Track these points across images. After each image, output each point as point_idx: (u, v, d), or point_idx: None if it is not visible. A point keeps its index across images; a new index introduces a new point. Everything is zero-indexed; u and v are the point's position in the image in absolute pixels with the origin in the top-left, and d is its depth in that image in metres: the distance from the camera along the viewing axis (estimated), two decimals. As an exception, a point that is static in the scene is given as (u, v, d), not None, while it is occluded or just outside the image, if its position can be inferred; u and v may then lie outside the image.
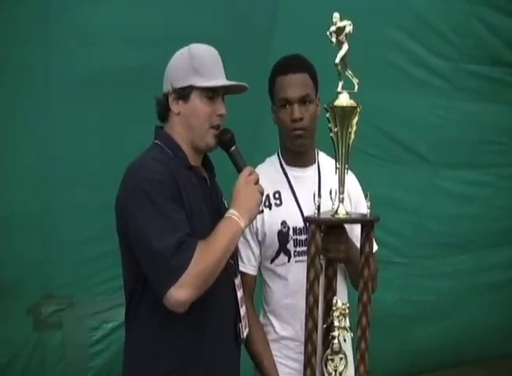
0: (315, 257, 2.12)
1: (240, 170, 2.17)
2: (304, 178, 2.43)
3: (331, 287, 2.27)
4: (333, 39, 2.07)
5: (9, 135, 3.25)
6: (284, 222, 2.38)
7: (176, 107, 2.13)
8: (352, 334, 2.23)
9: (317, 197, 2.16)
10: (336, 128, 2.11)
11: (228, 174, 2.21)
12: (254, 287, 2.46)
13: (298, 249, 2.37)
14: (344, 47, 2.07)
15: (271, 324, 2.45)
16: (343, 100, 2.10)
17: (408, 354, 4.41)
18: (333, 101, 2.12)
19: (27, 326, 3.47)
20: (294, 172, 2.44)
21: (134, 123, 3.12)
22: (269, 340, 2.44)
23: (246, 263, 2.41)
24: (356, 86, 2.12)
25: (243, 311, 2.24)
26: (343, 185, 2.16)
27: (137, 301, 2.09)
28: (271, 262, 2.41)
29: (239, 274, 2.30)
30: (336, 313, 2.15)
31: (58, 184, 3.35)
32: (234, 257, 2.20)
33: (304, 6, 3.59)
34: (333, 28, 2.07)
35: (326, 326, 2.21)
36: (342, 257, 2.23)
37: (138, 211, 1.98)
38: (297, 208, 2.39)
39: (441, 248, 4.32)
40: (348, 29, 2.06)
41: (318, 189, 2.39)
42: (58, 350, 3.55)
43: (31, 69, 3.20)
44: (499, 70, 4.09)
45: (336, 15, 2.06)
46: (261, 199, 2.16)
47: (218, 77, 2.15)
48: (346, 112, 2.10)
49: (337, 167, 2.16)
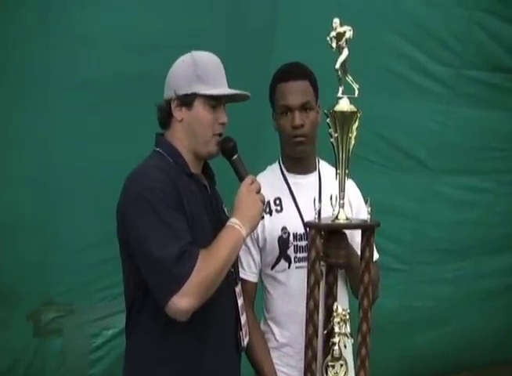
0: (315, 262, 2.12)
1: (242, 178, 2.17)
2: (304, 184, 2.43)
3: (332, 293, 2.26)
4: (334, 44, 2.07)
5: (9, 140, 3.25)
6: (285, 228, 2.38)
7: (179, 114, 2.12)
8: (353, 340, 2.22)
9: (317, 202, 2.15)
10: (336, 134, 2.10)
11: (229, 181, 2.21)
12: (254, 295, 2.46)
13: (299, 255, 2.37)
14: (345, 52, 2.07)
15: (271, 331, 2.45)
16: (343, 105, 2.10)
17: (408, 360, 4.40)
18: (333, 106, 2.12)
19: (27, 332, 3.47)
20: (295, 179, 2.44)
21: (135, 128, 3.12)
22: (270, 348, 2.43)
23: (247, 270, 2.41)
24: (356, 91, 2.12)
25: (243, 319, 2.23)
26: (343, 190, 2.16)
27: (138, 309, 2.09)
28: (271, 268, 2.41)
29: (240, 281, 2.30)
30: (336, 319, 2.14)
31: (59, 190, 3.35)
32: (235, 265, 2.20)
33: (304, 13, 3.60)
34: (333, 33, 2.07)
35: (326, 332, 2.20)
36: (342, 263, 2.23)
37: (139, 219, 1.98)
38: (297, 214, 2.39)
39: (441, 254, 4.32)
40: (348, 34, 2.06)
41: (318, 195, 2.39)
42: (58, 357, 3.54)
43: (31, 72, 3.21)
44: (500, 77, 4.09)
45: (336, 20, 2.06)
46: (263, 208, 2.16)
47: (221, 85, 2.15)
48: (346, 117, 2.09)
49: (337, 172, 2.16)
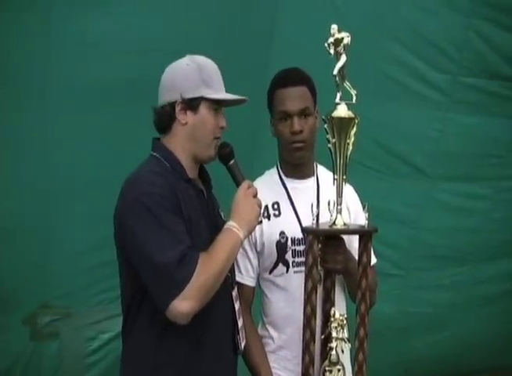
0: (312, 267, 2.12)
1: (239, 183, 2.17)
2: (302, 189, 2.44)
3: (329, 298, 2.26)
4: (331, 51, 2.07)
5: (8, 144, 3.26)
6: (283, 233, 2.38)
7: (183, 117, 2.12)
8: (350, 345, 2.23)
9: (315, 207, 2.16)
10: (334, 139, 2.10)
11: (226, 186, 2.22)
12: (252, 299, 2.46)
13: (297, 260, 2.37)
14: (342, 58, 2.07)
15: (269, 335, 2.44)
16: (341, 111, 2.10)
17: (405, 366, 4.39)
18: (331, 112, 2.12)
19: (23, 336, 3.47)
20: (293, 184, 2.45)
21: (134, 133, 3.12)
22: (267, 351, 2.43)
23: (244, 274, 2.41)
24: (354, 97, 2.11)
25: (240, 322, 2.24)
26: (341, 196, 2.16)
27: (135, 312, 2.09)
28: (269, 272, 2.41)
29: (237, 285, 2.30)
30: (334, 324, 2.14)
31: (56, 194, 3.36)
32: (231, 269, 2.20)
33: (302, 19, 3.61)
34: (331, 40, 2.06)
35: (324, 337, 2.20)
36: (340, 268, 2.23)
37: (138, 224, 1.98)
38: (295, 219, 2.39)
39: (438, 261, 4.31)
40: (346, 40, 2.05)
41: (316, 200, 2.39)
42: (54, 360, 3.54)
43: (31, 75, 3.22)
44: (497, 84, 4.10)
45: (334, 26, 2.06)
46: (260, 212, 2.17)
47: (222, 89, 2.17)
48: (344, 123, 2.09)
49: (334, 178, 2.16)
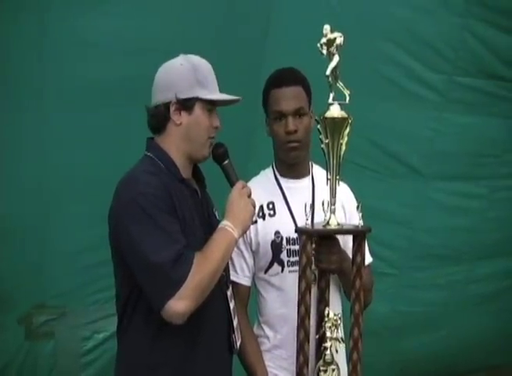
0: (306, 268, 2.12)
1: (233, 183, 2.19)
2: (297, 189, 2.44)
3: (324, 298, 2.26)
4: (324, 51, 2.07)
5: (5, 145, 3.26)
6: (278, 232, 2.39)
7: (177, 118, 2.12)
8: (345, 345, 2.23)
9: (308, 207, 2.16)
10: (327, 140, 2.10)
11: (220, 185, 2.22)
12: (247, 298, 2.46)
13: (292, 259, 2.38)
14: (335, 59, 2.06)
15: (265, 335, 2.45)
16: (334, 111, 2.10)
17: (400, 365, 4.39)
18: (324, 112, 2.11)
19: (19, 335, 3.47)
20: (288, 183, 2.45)
21: (132, 133, 3.10)
22: (263, 350, 2.44)
23: (240, 273, 2.42)
24: (348, 97, 2.11)
25: (235, 322, 2.24)
26: (334, 196, 2.15)
27: (131, 312, 2.09)
28: (265, 272, 2.42)
29: (232, 285, 2.31)
30: (328, 324, 2.14)
31: (52, 194, 3.36)
32: (226, 269, 2.21)
33: (297, 19, 3.61)
34: (323, 40, 2.06)
35: (318, 337, 2.20)
36: (334, 268, 2.23)
37: (133, 224, 1.98)
38: (290, 219, 2.39)
39: (434, 260, 4.31)
40: (339, 41, 2.05)
41: (312, 200, 2.40)
42: (50, 360, 3.54)
43: (28, 78, 3.22)
44: (492, 84, 4.09)
45: (326, 27, 2.06)
46: (254, 212, 2.18)
47: (216, 89, 2.17)
48: (337, 123, 2.09)
49: (328, 178, 2.15)
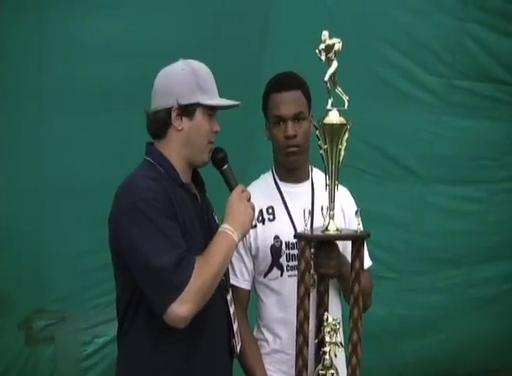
0: (304, 273, 2.12)
1: (232, 188, 2.19)
2: (297, 193, 2.44)
3: (323, 303, 2.27)
4: (323, 57, 2.06)
5: (3, 148, 3.27)
6: (277, 237, 2.39)
7: (179, 123, 2.11)
8: (344, 350, 2.24)
9: (307, 213, 2.16)
10: (326, 145, 2.10)
11: (219, 190, 2.23)
12: (247, 302, 2.47)
13: (291, 264, 2.38)
14: (334, 64, 2.06)
15: (264, 338, 2.45)
16: (332, 117, 2.09)
17: (400, 369, 4.39)
18: (322, 118, 2.11)
19: (19, 340, 3.47)
20: (288, 188, 2.45)
21: (130, 136, 3.12)
22: (262, 354, 2.44)
23: (240, 277, 2.42)
24: (346, 103, 2.11)
25: (235, 326, 2.25)
26: (333, 201, 2.15)
27: (132, 316, 2.09)
28: (264, 276, 2.42)
29: (232, 289, 2.31)
30: (327, 329, 2.14)
31: (51, 198, 3.36)
32: (225, 274, 2.21)
33: (296, 22, 3.62)
34: (322, 46, 2.05)
35: (317, 341, 2.20)
36: (333, 273, 2.23)
37: (133, 229, 1.98)
38: (290, 223, 2.40)
39: (433, 263, 4.31)
40: (337, 46, 2.04)
41: (311, 204, 2.40)
42: (50, 364, 3.54)
43: (26, 80, 3.23)
44: (490, 87, 4.10)
45: (325, 33, 2.05)
46: (254, 215, 2.19)
47: (216, 94, 2.17)
48: (335, 129, 2.09)
49: (327, 184, 2.15)
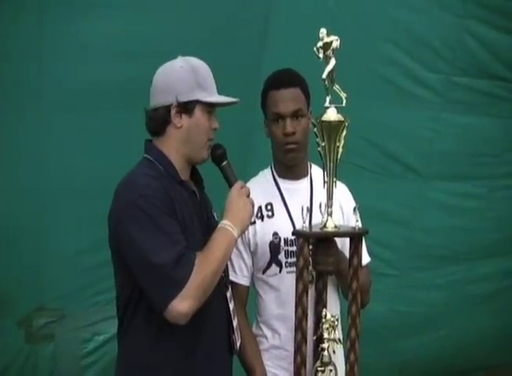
0: (303, 270, 2.12)
1: (231, 184, 2.20)
2: (296, 190, 2.45)
3: (321, 300, 2.28)
4: (321, 55, 2.06)
5: (3, 148, 3.27)
6: (276, 234, 2.40)
7: (178, 121, 2.12)
8: (342, 346, 2.24)
9: (305, 211, 2.16)
10: (323, 143, 2.10)
11: (217, 186, 2.24)
12: (246, 298, 2.48)
13: (289, 260, 2.39)
14: (332, 62, 2.06)
15: (263, 334, 2.46)
16: (330, 115, 2.10)
17: (400, 365, 4.39)
18: (320, 116, 2.12)
19: (19, 338, 3.48)
20: (286, 184, 2.46)
21: (130, 136, 3.10)
22: (261, 350, 2.45)
23: (239, 274, 2.43)
24: (344, 100, 2.11)
25: (235, 322, 2.25)
26: (331, 198, 2.16)
27: (131, 313, 2.10)
28: (263, 272, 2.43)
29: (231, 285, 2.32)
30: (325, 325, 2.15)
31: (50, 196, 3.36)
32: (225, 270, 2.21)
33: (296, 20, 3.62)
34: (320, 44, 2.06)
35: (316, 338, 2.21)
36: (331, 269, 2.24)
37: (133, 226, 1.99)
38: (288, 220, 2.40)
39: (432, 260, 4.30)
40: (335, 44, 2.04)
41: (310, 201, 2.41)
42: (50, 362, 3.55)
43: (26, 80, 3.22)
44: (490, 84, 4.09)
45: (323, 30, 2.06)
46: (253, 211, 2.20)
47: (215, 91, 2.18)
48: (333, 127, 2.09)
49: (325, 181, 2.16)
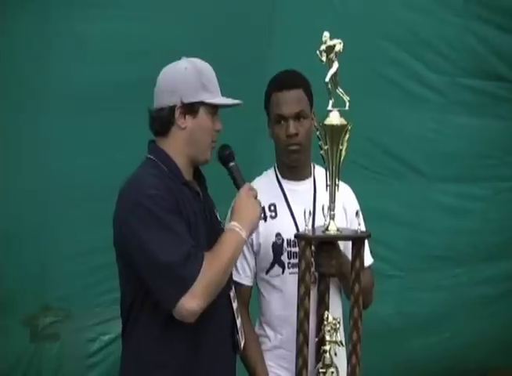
0: (305, 272, 2.13)
1: (239, 185, 2.21)
2: (299, 191, 2.46)
3: (323, 302, 2.28)
4: (324, 58, 2.07)
5: (3, 148, 3.28)
6: (279, 234, 2.41)
7: (182, 122, 2.12)
8: (344, 348, 2.25)
9: (307, 213, 2.17)
10: (326, 146, 2.11)
11: (221, 186, 2.25)
12: (248, 298, 2.48)
13: (292, 261, 2.39)
14: (335, 65, 2.07)
15: (266, 335, 2.47)
16: (333, 118, 2.10)
17: (405, 366, 4.38)
18: (323, 119, 2.12)
19: (24, 338, 3.48)
20: (290, 185, 2.47)
21: (130, 136, 3.14)
22: (264, 350, 2.46)
23: (242, 274, 2.44)
24: (347, 104, 2.11)
25: (239, 322, 2.26)
26: (334, 201, 2.16)
27: (136, 313, 2.11)
28: (266, 273, 2.44)
29: (235, 285, 2.32)
30: (327, 328, 2.16)
31: (55, 196, 3.38)
32: None
33: (300, 21, 3.63)
34: (323, 47, 2.06)
35: (318, 340, 2.22)
36: (334, 272, 2.24)
37: (141, 226, 2.00)
38: (291, 221, 2.41)
39: (437, 262, 4.29)
40: (338, 47, 2.05)
41: (313, 202, 2.42)
42: (55, 362, 3.55)
43: (26, 80, 3.24)
44: (494, 84, 4.09)
45: (326, 34, 2.06)
46: (261, 213, 2.20)
47: (219, 92, 2.18)
48: (336, 130, 2.09)
49: (327, 184, 2.16)
